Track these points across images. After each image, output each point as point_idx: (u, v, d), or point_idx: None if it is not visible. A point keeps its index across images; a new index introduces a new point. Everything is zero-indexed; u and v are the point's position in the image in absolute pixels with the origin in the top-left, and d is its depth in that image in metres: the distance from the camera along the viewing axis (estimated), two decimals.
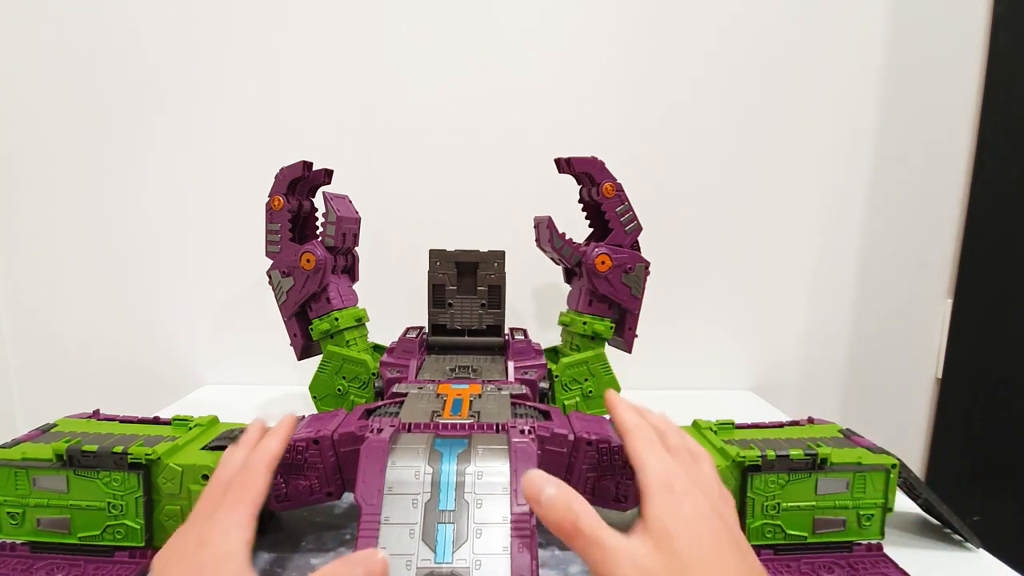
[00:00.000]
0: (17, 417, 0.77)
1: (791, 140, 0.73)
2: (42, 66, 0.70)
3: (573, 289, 0.59)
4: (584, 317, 0.55)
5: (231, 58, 0.70)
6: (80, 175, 0.72)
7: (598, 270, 0.53)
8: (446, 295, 0.56)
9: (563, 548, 0.38)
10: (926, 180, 0.74)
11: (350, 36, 0.70)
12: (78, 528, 0.36)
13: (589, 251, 0.54)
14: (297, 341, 0.57)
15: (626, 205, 0.54)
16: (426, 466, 0.32)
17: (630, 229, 0.54)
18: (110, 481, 0.36)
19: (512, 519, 0.30)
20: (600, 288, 0.54)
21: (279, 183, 0.54)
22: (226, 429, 0.41)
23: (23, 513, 0.36)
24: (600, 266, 0.53)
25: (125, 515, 0.36)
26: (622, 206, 0.54)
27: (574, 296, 0.58)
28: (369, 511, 0.30)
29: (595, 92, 0.71)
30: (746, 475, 0.37)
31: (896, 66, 0.72)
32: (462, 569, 0.28)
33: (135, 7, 0.69)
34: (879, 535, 0.38)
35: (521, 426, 0.35)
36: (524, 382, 0.47)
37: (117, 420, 0.43)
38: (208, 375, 0.76)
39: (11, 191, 0.72)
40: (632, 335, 0.57)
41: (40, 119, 0.71)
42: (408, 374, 0.49)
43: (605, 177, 0.54)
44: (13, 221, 0.73)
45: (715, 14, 0.70)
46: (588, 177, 0.55)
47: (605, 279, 0.54)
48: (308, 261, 0.53)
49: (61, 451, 0.35)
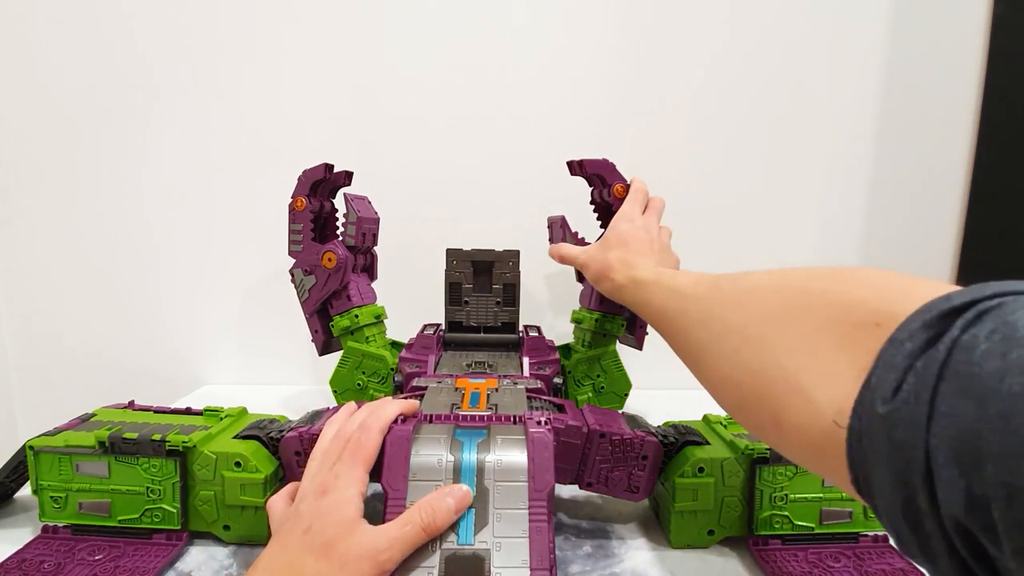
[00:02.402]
0: (17, 417, 0.77)
1: (791, 140, 0.73)
2: (38, 61, 0.70)
3: (585, 287, 0.60)
4: (596, 315, 0.57)
5: (231, 57, 0.70)
6: (80, 174, 0.72)
7: None
8: (462, 293, 0.57)
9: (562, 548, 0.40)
10: (926, 180, 0.74)
11: (361, 35, 0.71)
12: (118, 511, 0.38)
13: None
14: (318, 337, 0.59)
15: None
16: (448, 454, 0.33)
17: None
18: (149, 467, 0.38)
19: (530, 505, 0.32)
20: None
21: (302, 184, 0.56)
22: (256, 420, 0.43)
23: (66, 497, 0.39)
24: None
25: (163, 499, 0.38)
26: None
27: (586, 294, 0.59)
28: (395, 496, 0.32)
29: (603, 93, 0.72)
30: (755, 467, 0.38)
31: (896, 66, 0.72)
32: (483, 551, 0.30)
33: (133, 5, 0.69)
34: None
35: (538, 417, 0.36)
36: (539, 377, 0.49)
37: (151, 410, 0.45)
38: (208, 375, 0.77)
39: (11, 191, 0.73)
40: (643, 333, 0.58)
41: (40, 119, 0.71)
42: (427, 369, 0.51)
43: (616, 178, 0.55)
44: (13, 221, 0.73)
45: (717, 13, 0.71)
46: (599, 179, 0.56)
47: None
48: (330, 260, 0.55)
49: (103, 438, 0.38)
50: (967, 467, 0.15)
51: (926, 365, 0.16)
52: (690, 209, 0.74)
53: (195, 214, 0.74)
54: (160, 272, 0.75)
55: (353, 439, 0.33)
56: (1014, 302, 0.16)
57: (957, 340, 0.16)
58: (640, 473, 0.39)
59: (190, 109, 0.72)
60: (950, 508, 0.15)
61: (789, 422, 0.22)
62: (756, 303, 0.26)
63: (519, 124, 0.72)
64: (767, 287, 0.26)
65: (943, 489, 0.16)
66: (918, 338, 0.17)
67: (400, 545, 0.29)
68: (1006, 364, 0.15)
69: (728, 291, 0.29)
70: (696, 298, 0.31)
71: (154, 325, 0.76)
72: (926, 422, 0.16)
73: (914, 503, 0.16)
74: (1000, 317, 0.16)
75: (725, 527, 0.39)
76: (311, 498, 0.31)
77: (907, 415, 0.16)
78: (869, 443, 0.18)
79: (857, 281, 0.22)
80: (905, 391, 0.17)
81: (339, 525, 0.29)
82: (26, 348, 0.76)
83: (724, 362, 0.27)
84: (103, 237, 0.74)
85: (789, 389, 0.22)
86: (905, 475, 0.16)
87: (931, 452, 0.16)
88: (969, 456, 0.15)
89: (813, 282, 0.24)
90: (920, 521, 0.17)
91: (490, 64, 0.72)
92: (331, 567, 0.28)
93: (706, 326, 0.29)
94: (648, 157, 0.73)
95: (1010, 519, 0.14)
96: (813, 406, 0.20)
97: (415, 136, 0.73)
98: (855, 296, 0.21)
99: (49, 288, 0.75)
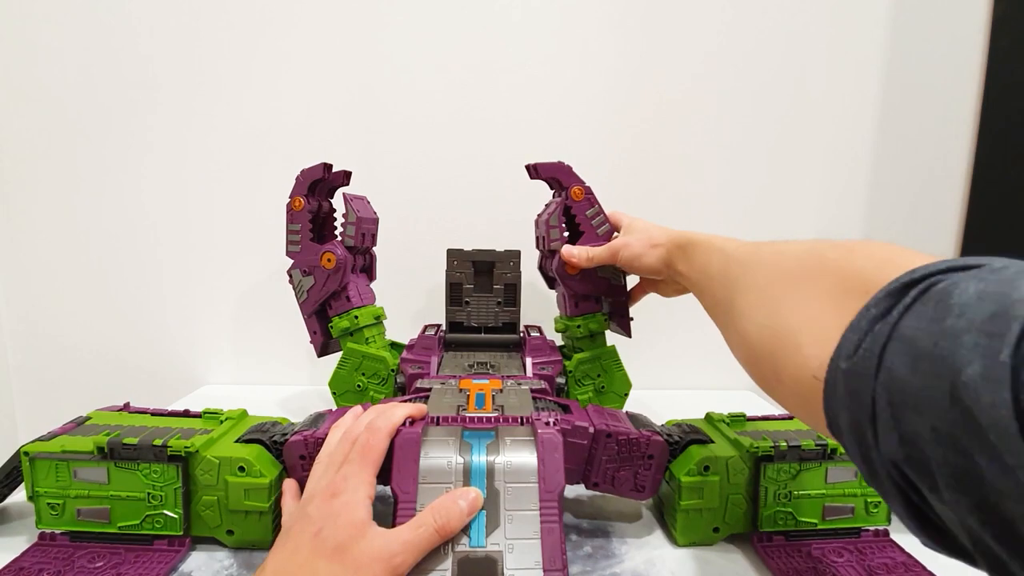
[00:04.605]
0: (17, 417, 0.77)
1: (791, 140, 0.74)
2: (39, 60, 0.70)
3: (558, 295, 0.59)
4: (576, 321, 0.56)
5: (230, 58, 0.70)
6: (80, 175, 0.72)
7: (569, 273, 0.53)
8: (463, 293, 0.57)
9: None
10: (926, 180, 0.75)
11: (361, 35, 0.70)
12: (118, 518, 0.38)
13: (558, 258, 0.53)
14: (317, 339, 0.59)
15: (596, 207, 0.54)
16: (457, 456, 0.33)
17: (602, 231, 0.54)
18: (150, 473, 0.37)
19: (541, 506, 0.32)
20: (578, 289, 0.54)
21: (300, 185, 0.56)
22: (257, 423, 0.42)
23: (63, 504, 0.38)
24: (570, 269, 0.53)
25: (164, 505, 0.37)
26: (592, 208, 0.54)
27: (561, 302, 0.59)
28: (405, 499, 0.32)
29: (602, 93, 0.73)
30: (759, 464, 0.39)
31: (896, 65, 0.73)
32: (495, 553, 0.30)
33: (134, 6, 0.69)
34: (886, 521, 0.40)
35: (545, 419, 0.36)
36: (542, 377, 0.49)
37: (148, 413, 0.44)
38: (208, 375, 0.76)
39: (10, 191, 0.72)
40: (627, 320, 0.57)
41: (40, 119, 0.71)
42: (429, 370, 0.51)
43: (573, 181, 0.53)
44: (12, 222, 0.73)
45: (717, 13, 0.71)
46: (557, 182, 0.55)
47: (578, 280, 0.54)
48: (329, 260, 0.55)
49: (102, 444, 0.37)
50: (898, 412, 0.18)
51: (881, 328, 0.19)
52: (690, 208, 0.75)
53: (194, 214, 0.73)
54: (159, 272, 0.74)
55: (361, 441, 0.33)
56: (961, 276, 0.18)
57: (909, 307, 0.19)
58: (646, 472, 0.39)
59: (190, 109, 0.71)
60: (887, 446, 0.19)
61: (787, 375, 0.25)
62: (780, 266, 0.28)
63: (519, 124, 0.72)
64: (794, 253, 0.28)
65: (882, 430, 0.19)
66: (882, 305, 0.20)
67: (413, 548, 0.28)
68: (941, 329, 0.17)
69: (764, 253, 0.31)
70: (737, 259, 0.33)
71: (153, 325, 0.75)
72: (875, 373, 0.19)
73: (865, 442, 0.20)
74: (945, 289, 0.18)
75: (730, 524, 0.40)
76: (320, 500, 0.30)
77: (861, 369, 0.19)
78: (835, 392, 0.21)
79: (865, 253, 0.24)
80: (862, 350, 0.20)
81: (351, 528, 0.29)
82: (26, 348, 0.76)
83: (744, 319, 0.29)
84: (103, 237, 0.73)
85: (788, 344, 0.25)
86: (859, 418, 0.19)
87: (876, 399, 0.19)
88: (900, 403, 0.18)
89: (832, 251, 0.26)
90: (870, 457, 0.20)
91: (490, 64, 0.71)
92: (344, 570, 0.27)
93: (739, 284, 0.31)
94: (648, 156, 0.73)
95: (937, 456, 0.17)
96: (804, 361, 0.23)
97: (414, 136, 0.72)
98: (856, 265, 0.23)
99: (49, 288, 0.74)
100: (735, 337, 0.30)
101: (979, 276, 0.18)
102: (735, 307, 0.30)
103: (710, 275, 0.36)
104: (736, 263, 0.33)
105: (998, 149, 0.72)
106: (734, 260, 0.33)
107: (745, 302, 0.29)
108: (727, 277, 0.33)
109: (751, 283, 0.30)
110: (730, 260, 0.34)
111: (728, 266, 0.34)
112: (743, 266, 0.32)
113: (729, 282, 0.32)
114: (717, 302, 0.34)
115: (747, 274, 0.31)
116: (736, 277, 0.32)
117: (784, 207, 0.75)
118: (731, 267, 0.33)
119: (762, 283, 0.29)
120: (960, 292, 0.17)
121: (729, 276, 0.33)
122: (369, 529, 0.29)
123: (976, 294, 0.17)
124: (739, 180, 0.74)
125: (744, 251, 0.33)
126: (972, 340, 0.16)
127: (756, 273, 0.30)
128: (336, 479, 0.31)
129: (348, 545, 0.28)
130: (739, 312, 0.30)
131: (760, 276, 0.29)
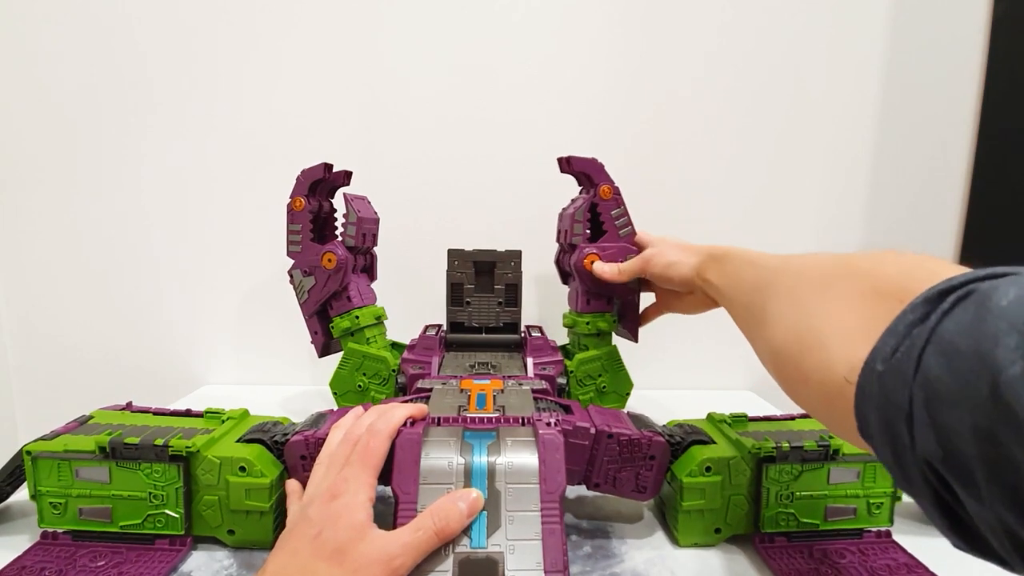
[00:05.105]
0: (17, 417, 0.77)
1: (791, 140, 0.74)
2: (38, 60, 0.70)
3: (571, 290, 0.60)
4: (586, 317, 0.56)
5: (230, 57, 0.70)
6: (80, 174, 0.72)
7: (588, 269, 0.53)
8: (464, 293, 0.57)
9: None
10: (926, 180, 0.75)
11: (361, 35, 0.70)
12: (120, 517, 0.38)
13: (578, 252, 0.54)
14: (318, 339, 0.59)
15: (622, 208, 0.54)
16: (458, 457, 0.33)
17: (624, 233, 0.54)
18: (151, 472, 0.37)
19: (542, 507, 0.32)
20: (595, 286, 0.54)
21: (300, 185, 0.56)
22: (258, 422, 0.43)
23: (65, 503, 0.38)
24: (590, 265, 0.53)
25: (165, 504, 0.37)
26: (618, 209, 0.54)
27: (572, 297, 0.59)
28: (406, 500, 0.32)
29: (602, 93, 0.72)
30: (761, 465, 0.39)
31: (896, 66, 0.73)
32: (497, 554, 0.30)
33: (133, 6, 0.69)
34: (888, 522, 0.40)
35: (547, 419, 0.36)
36: (543, 377, 0.49)
37: (150, 412, 0.44)
38: (209, 375, 0.76)
39: (10, 191, 0.72)
40: (635, 325, 0.57)
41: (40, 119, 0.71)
42: (430, 370, 0.51)
43: (603, 179, 0.53)
44: (12, 222, 0.73)
45: (717, 12, 0.71)
46: (587, 177, 0.55)
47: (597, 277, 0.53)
48: (330, 261, 0.55)
49: (104, 443, 0.37)
50: (936, 411, 0.18)
51: (919, 332, 0.20)
52: (689, 209, 0.74)
53: (194, 214, 0.73)
54: (160, 272, 0.74)
55: (362, 443, 0.33)
56: (1000, 281, 0.19)
57: (947, 312, 0.19)
58: (647, 473, 0.39)
59: (190, 109, 0.71)
60: (924, 445, 0.19)
61: (813, 378, 0.25)
62: (810, 272, 0.29)
63: (520, 124, 0.72)
64: (824, 261, 0.29)
65: (918, 430, 0.19)
66: (919, 311, 0.20)
67: (413, 551, 0.28)
68: (981, 331, 0.17)
69: (794, 263, 0.32)
70: (770, 267, 0.34)
71: (154, 325, 0.75)
72: (912, 375, 0.19)
73: (899, 442, 0.20)
74: (985, 293, 0.18)
75: (731, 525, 0.40)
76: (320, 502, 0.30)
77: (898, 371, 0.20)
78: (870, 395, 0.21)
79: (896, 263, 0.25)
80: (900, 352, 0.20)
81: (350, 530, 0.29)
82: (26, 348, 0.76)
83: (774, 323, 0.30)
84: (103, 237, 0.73)
85: (815, 347, 0.25)
86: (893, 419, 0.20)
87: (913, 399, 0.19)
88: (938, 402, 0.18)
89: (862, 260, 0.27)
90: (903, 457, 0.20)
91: (490, 63, 0.71)
92: (344, 572, 0.27)
93: (770, 291, 0.32)
94: (648, 156, 0.73)
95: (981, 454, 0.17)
96: (832, 363, 0.24)
97: (415, 135, 0.72)
98: (887, 273, 0.24)
99: (49, 288, 0.74)
100: (763, 343, 0.31)
101: (1017, 282, 0.18)
102: (767, 313, 0.31)
103: (742, 284, 0.37)
104: (768, 271, 0.34)
105: (998, 149, 0.72)
106: (766, 269, 0.34)
107: (776, 307, 0.30)
108: (759, 285, 0.34)
109: (782, 289, 0.31)
110: (762, 269, 0.35)
111: (760, 274, 0.35)
112: (775, 273, 0.33)
113: (761, 290, 0.33)
114: (748, 310, 0.35)
115: (778, 280, 0.32)
116: (768, 283, 0.33)
117: (784, 207, 0.75)
118: (763, 274, 0.34)
119: (793, 288, 0.30)
120: (1000, 296, 0.18)
121: (760, 284, 0.34)
122: (369, 531, 0.29)
123: (1016, 298, 0.17)
124: (739, 180, 0.74)
125: (776, 261, 0.34)
126: (1014, 341, 0.17)
127: (787, 279, 0.31)
128: (336, 481, 0.31)
129: (348, 547, 0.28)
130: (770, 316, 0.30)
131: (791, 282, 0.30)
